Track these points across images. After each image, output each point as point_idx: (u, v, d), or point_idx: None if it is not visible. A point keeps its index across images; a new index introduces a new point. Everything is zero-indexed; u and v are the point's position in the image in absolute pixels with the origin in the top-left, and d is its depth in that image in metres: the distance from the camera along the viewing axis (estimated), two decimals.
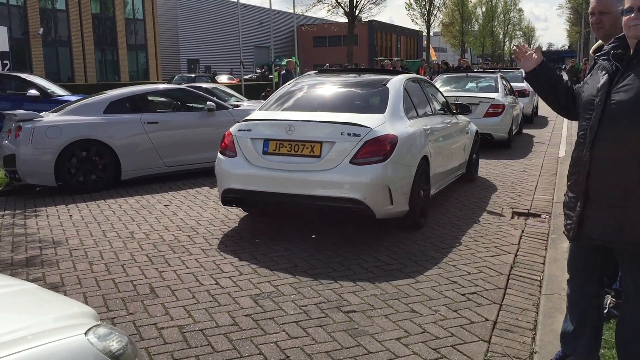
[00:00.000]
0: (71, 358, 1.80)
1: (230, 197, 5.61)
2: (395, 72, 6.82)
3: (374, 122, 5.39)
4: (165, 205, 6.96)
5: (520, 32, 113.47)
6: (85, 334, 1.91)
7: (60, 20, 34.46)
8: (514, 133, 12.45)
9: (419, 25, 63.15)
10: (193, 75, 30.40)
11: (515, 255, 5.07)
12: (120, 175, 8.11)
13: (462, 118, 7.90)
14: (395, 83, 6.11)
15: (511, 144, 12.03)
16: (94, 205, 7.06)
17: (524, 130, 14.66)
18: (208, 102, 8.91)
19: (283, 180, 5.30)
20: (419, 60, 30.82)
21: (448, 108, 7.58)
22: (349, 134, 5.22)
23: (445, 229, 5.85)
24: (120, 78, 36.91)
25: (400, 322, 3.71)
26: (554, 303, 3.81)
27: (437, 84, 13.07)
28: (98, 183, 7.96)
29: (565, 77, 32.02)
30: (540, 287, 4.32)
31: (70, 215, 6.58)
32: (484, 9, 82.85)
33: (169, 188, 8.02)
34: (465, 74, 14.00)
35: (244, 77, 27.75)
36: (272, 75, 28.64)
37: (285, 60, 17.49)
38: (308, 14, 38.19)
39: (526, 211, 6.68)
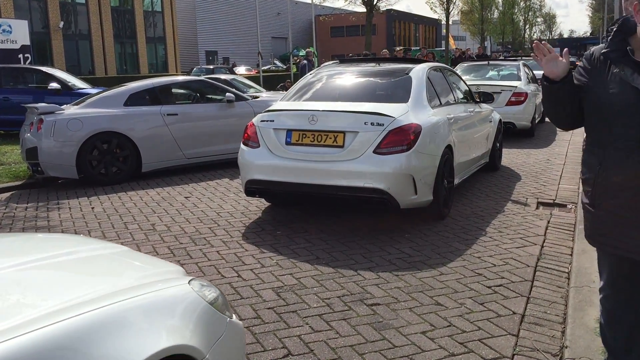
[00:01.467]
0: (181, 301, 2.13)
1: (253, 188, 5.58)
2: (417, 61, 6.71)
3: (397, 112, 5.31)
4: (185, 197, 6.95)
5: (541, 19, 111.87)
6: (188, 283, 2.26)
7: (80, 13, 34.65)
8: (536, 122, 12.27)
9: (437, 14, 62.51)
10: (212, 67, 30.44)
11: (542, 246, 4.96)
12: (141, 167, 8.11)
13: (485, 106, 7.76)
14: (418, 72, 6.00)
15: (534, 133, 11.87)
16: (116, 198, 7.07)
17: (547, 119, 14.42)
18: (227, 94, 8.87)
19: (306, 171, 5.25)
20: (418, 48, 30.09)
21: (471, 96, 7.46)
22: (372, 124, 5.14)
23: (469, 220, 5.76)
24: (140, 71, 37.05)
25: (425, 315, 3.65)
26: (583, 296, 3.71)
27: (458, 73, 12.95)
28: (119, 175, 7.97)
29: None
30: (569, 279, 4.22)
31: (92, 208, 6.60)
32: None
33: (189, 180, 8.01)
34: (486, 62, 13.83)
35: (263, 68, 27.73)
36: (290, 66, 28.58)
37: (305, 50, 17.51)
38: (325, 4, 37.86)
39: (551, 201, 6.55)
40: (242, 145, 5.72)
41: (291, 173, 5.29)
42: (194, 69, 30.83)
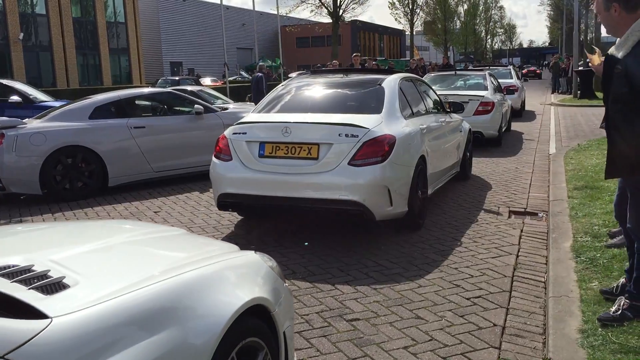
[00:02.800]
0: (255, 265, 2.57)
1: (226, 202, 5.47)
2: (389, 72, 6.71)
3: (372, 123, 5.28)
4: (155, 212, 6.79)
5: (502, 30, 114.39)
6: (255, 252, 2.70)
7: (40, 25, 33.95)
8: (503, 130, 12.42)
9: (402, 24, 63.25)
10: (177, 78, 30.09)
11: (517, 256, 4.97)
12: (108, 181, 7.91)
13: (455, 116, 7.81)
14: (390, 82, 5.99)
15: (502, 142, 12.00)
16: (82, 214, 6.87)
17: (513, 127, 14.67)
18: (196, 105, 8.74)
19: (280, 184, 5.16)
20: (383, 58, 30.68)
21: (441, 106, 7.49)
22: (346, 135, 5.10)
23: (444, 230, 5.75)
24: (103, 82, 36.45)
25: (406, 329, 3.59)
26: (562, 306, 3.71)
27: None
28: (85, 190, 7.76)
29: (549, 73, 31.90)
30: (546, 288, 4.22)
31: None
32: (465, 7, 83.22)
33: (158, 194, 7.84)
34: (453, 72, 13.99)
35: (229, 78, 27.52)
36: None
37: (259, 63, 16.93)
38: (291, 14, 37.91)
39: (523, 210, 6.60)
40: (213, 159, 5.61)
41: (265, 186, 5.20)
42: (159, 80, 30.45)
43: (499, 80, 17.34)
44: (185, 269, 2.18)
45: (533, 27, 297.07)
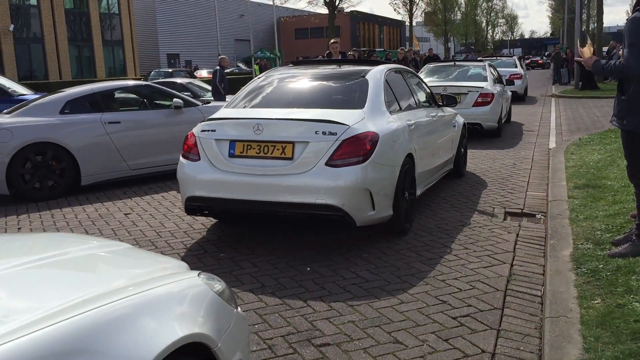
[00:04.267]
0: (194, 291, 2.19)
1: (194, 206, 5.01)
2: (375, 62, 6.23)
3: (352, 119, 4.81)
4: (125, 214, 6.34)
5: (503, 20, 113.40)
6: (198, 276, 2.32)
7: (32, 16, 33.34)
8: (503, 121, 12.21)
9: (401, 15, 62.56)
10: (170, 70, 29.57)
11: (511, 265, 4.52)
12: (80, 180, 7.46)
13: (448, 110, 7.34)
14: (375, 74, 5.53)
15: (501, 133, 11.77)
16: (48, 216, 6.42)
17: (514, 117, 14.55)
18: (175, 99, 8.27)
19: (252, 186, 4.71)
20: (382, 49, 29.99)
21: (433, 100, 7.02)
22: (324, 133, 4.63)
23: (433, 235, 5.29)
24: (97, 75, 35.88)
25: (381, 357, 3.14)
26: (560, 329, 3.26)
27: (423, 74, 12.86)
28: (56, 190, 7.31)
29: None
30: (542, 304, 3.78)
31: (19, 229, 5.94)
32: None
33: (134, 193, 7.39)
34: (453, 63, 13.76)
35: (225, 71, 26.96)
36: (253, 68, 27.93)
37: (221, 56, 14.98)
38: (287, 5, 37.38)
39: (519, 211, 6.15)
40: (181, 158, 5.16)
41: (235, 189, 4.74)
42: (152, 72, 29.91)
43: (505, 69, 20.16)
44: (107, 299, 1.87)
45: (534, 18, 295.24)
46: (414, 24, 61.42)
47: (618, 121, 4.25)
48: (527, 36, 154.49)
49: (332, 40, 11.35)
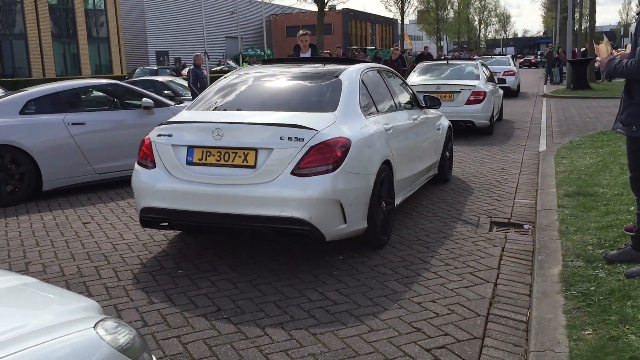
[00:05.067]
0: (81, 352, 1.76)
1: (149, 218, 4.56)
2: (351, 61, 5.81)
3: (322, 123, 4.39)
4: (84, 223, 5.90)
5: (496, 19, 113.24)
6: (94, 327, 1.87)
7: (15, 12, 32.65)
8: (495, 119, 12.41)
9: (392, 13, 62.10)
10: (155, 68, 29.04)
11: (495, 284, 4.12)
12: (42, 185, 7.00)
13: (432, 112, 6.94)
14: (350, 74, 5.11)
15: (493, 131, 11.93)
16: (2, 224, 5.97)
17: (507, 111, 14.93)
18: (144, 99, 7.82)
19: (210, 197, 4.28)
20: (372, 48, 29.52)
21: (416, 101, 6.61)
22: (289, 139, 4.21)
23: (412, 249, 4.88)
24: (82, 72, 35.24)
25: None
26: None
27: (416, 73, 13.08)
28: (15, 195, 6.86)
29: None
30: (527, 331, 3.38)
31: None
32: None
33: (98, 199, 6.94)
34: (445, 62, 13.96)
35: (215, 68, 26.52)
36: (242, 66, 27.32)
37: (195, 54, 14.00)
38: (277, 2, 36.78)
39: (506, 220, 5.75)
40: (136, 166, 4.72)
41: (192, 200, 4.31)
42: (137, 69, 29.35)
43: (499, 67, 22.19)
44: None
45: (527, 16, 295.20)
46: (406, 22, 61.05)
47: (625, 127, 3.84)
48: (520, 35, 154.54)
49: (300, 32, 10.23)
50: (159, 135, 4.56)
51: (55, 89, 7.47)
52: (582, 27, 37.87)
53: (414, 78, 12.68)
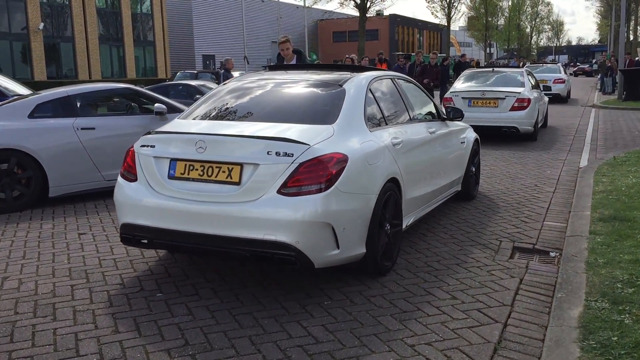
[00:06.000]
0: None
1: (128, 235, 4.23)
2: (361, 69, 5.36)
3: (316, 137, 3.98)
4: (79, 234, 5.64)
5: (549, 26, 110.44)
6: None
7: (63, 15, 33.40)
8: (539, 126, 12.74)
9: (439, 19, 61.10)
10: (195, 72, 29.13)
11: (505, 325, 3.61)
12: (48, 191, 6.81)
13: (456, 124, 6.43)
14: (356, 83, 4.68)
15: (537, 137, 12.26)
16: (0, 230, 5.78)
17: (553, 117, 15.15)
18: (157, 104, 7.56)
19: (191, 215, 3.91)
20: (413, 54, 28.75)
21: (437, 113, 6.12)
22: (277, 154, 3.80)
23: (418, 277, 4.40)
24: (127, 75, 35.79)
25: None
26: None
27: (461, 80, 13.32)
28: (20, 201, 6.68)
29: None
30: None
31: None
32: (510, 3, 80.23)
33: (104, 207, 6.71)
34: (491, 69, 14.13)
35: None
36: None
37: (226, 58, 13.96)
38: (318, 6, 36.56)
39: (531, 246, 5.20)
40: (119, 178, 4.41)
41: (172, 218, 3.96)
42: (178, 73, 29.53)
43: (550, 74, 23.26)
44: None
45: (582, 24, 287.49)
46: (456, 28, 59.98)
47: None
48: (574, 43, 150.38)
49: (281, 39, 8.93)
50: (142, 145, 4.23)
51: (66, 93, 7.28)
52: (639, 35, 36.22)
53: (459, 85, 13.07)
